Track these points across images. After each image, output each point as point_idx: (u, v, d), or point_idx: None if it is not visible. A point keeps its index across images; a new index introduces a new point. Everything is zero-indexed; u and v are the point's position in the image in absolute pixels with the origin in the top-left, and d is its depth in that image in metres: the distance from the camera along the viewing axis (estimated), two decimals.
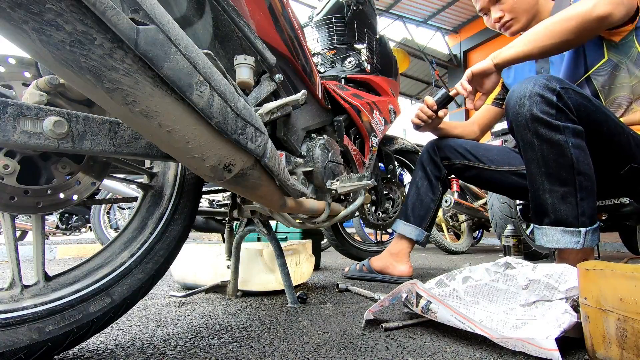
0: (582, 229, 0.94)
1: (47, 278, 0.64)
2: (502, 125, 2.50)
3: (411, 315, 0.91)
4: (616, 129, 1.02)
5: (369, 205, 1.90)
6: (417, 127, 1.40)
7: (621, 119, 1.11)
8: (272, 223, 1.87)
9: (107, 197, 2.62)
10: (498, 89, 1.53)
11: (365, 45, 1.72)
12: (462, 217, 3.50)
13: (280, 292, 1.26)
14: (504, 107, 1.49)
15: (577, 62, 1.18)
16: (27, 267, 1.98)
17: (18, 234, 4.28)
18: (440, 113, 1.35)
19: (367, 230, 3.31)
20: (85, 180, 0.69)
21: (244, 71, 0.76)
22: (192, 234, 4.53)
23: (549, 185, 0.97)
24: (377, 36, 1.76)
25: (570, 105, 0.95)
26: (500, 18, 1.25)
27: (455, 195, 3.17)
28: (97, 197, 2.69)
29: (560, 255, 1.02)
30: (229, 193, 1.15)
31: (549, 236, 0.98)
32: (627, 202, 1.58)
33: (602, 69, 1.14)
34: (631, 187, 1.14)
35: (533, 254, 2.33)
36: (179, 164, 0.83)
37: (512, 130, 1.03)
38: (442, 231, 3.52)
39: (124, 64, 0.43)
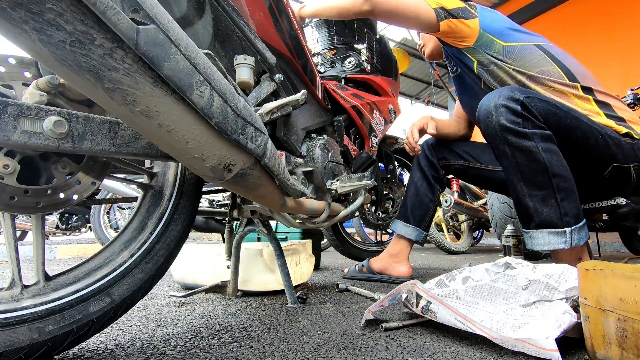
0: (567, 229, 0.96)
1: (47, 278, 0.64)
2: None
3: (411, 315, 0.91)
4: (590, 132, 1.04)
5: (369, 205, 1.90)
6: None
7: None
8: (272, 223, 1.87)
9: (107, 197, 2.62)
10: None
11: (365, 45, 1.72)
12: (462, 217, 3.50)
13: (280, 292, 1.26)
14: None
15: (469, 79, 1.31)
16: (27, 267, 1.98)
17: (18, 234, 4.28)
18: (430, 130, 1.45)
19: (367, 230, 3.31)
20: (85, 180, 0.69)
21: (244, 71, 0.76)
22: (192, 234, 4.53)
23: (527, 190, 0.99)
24: (377, 36, 1.76)
25: (536, 112, 0.98)
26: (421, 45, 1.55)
27: (455, 195, 3.16)
28: (97, 197, 2.69)
29: (554, 256, 1.02)
30: (229, 193, 1.15)
31: (537, 239, 0.99)
32: (624, 202, 1.58)
33: (480, 71, 1.24)
34: (620, 186, 1.14)
35: (533, 254, 2.32)
36: (179, 164, 0.83)
37: (487, 140, 1.07)
38: (442, 231, 3.52)
39: (124, 64, 0.43)
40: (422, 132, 1.45)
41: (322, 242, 2.33)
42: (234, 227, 1.24)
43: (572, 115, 1.02)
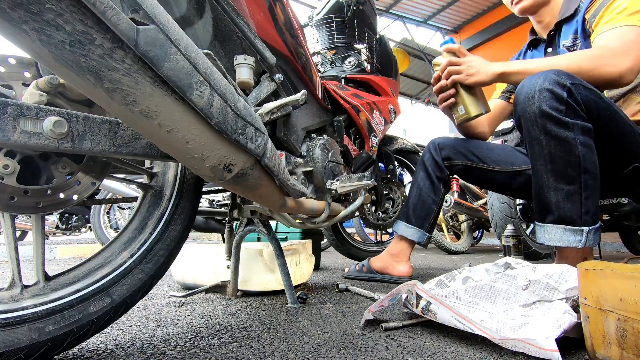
0: (585, 228, 0.94)
1: (47, 278, 0.64)
2: (502, 125, 2.50)
3: (411, 315, 0.91)
4: (625, 127, 1.02)
5: (369, 205, 1.90)
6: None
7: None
8: (272, 223, 1.87)
9: (107, 197, 2.62)
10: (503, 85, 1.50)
11: (365, 45, 1.72)
12: (462, 217, 3.50)
13: (280, 292, 1.26)
14: (511, 100, 1.44)
15: None
16: (27, 267, 1.98)
17: (18, 234, 4.28)
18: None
19: (367, 230, 3.31)
20: (85, 180, 0.69)
21: (244, 71, 0.76)
22: (192, 234, 4.53)
23: (554, 182, 0.96)
24: (377, 36, 1.76)
25: (580, 101, 0.93)
26: None
27: (455, 195, 3.17)
28: (97, 197, 2.69)
29: (560, 253, 1.01)
30: (229, 193, 1.15)
31: (551, 234, 0.98)
32: (626, 202, 1.58)
33: None
34: (633, 187, 1.14)
35: (533, 254, 2.33)
36: (179, 164, 0.83)
37: (519, 125, 1.02)
38: (442, 231, 3.52)
39: (124, 64, 0.43)
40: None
41: (322, 242, 2.33)
42: (234, 227, 1.24)
43: (612, 108, 1.00)
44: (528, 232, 2.44)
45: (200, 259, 1.30)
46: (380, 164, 1.93)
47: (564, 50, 1.22)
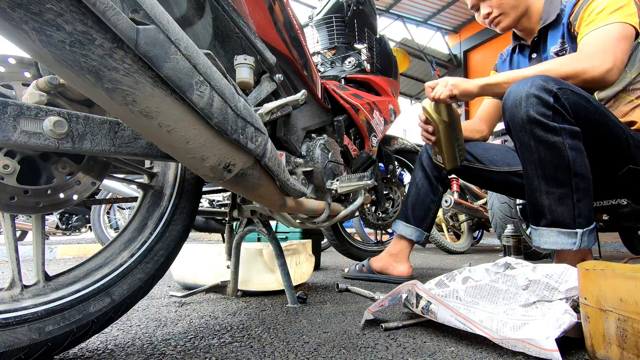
0: (579, 230, 0.94)
1: (47, 278, 0.64)
2: (503, 125, 2.50)
3: (411, 315, 0.91)
4: (615, 130, 1.02)
5: (369, 205, 1.90)
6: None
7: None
8: (272, 223, 1.87)
9: (107, 197, 2.62)
10: None
11: (365, 45, 1.72)
12: (462, 217, 3.50)
13: (280, 292, 1.26)
14: None
15: None
16: (27, 267, 1.98)
17: (18, 234, 4.28)
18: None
19: (367, 230, 3.31)
20: (85, 180, 0.69)
21: (244, 71, 0.76)
22: (192, 234, 4.53)
23: (545, 186, 0.96)
24: (377, 36, 1.76)
25: (567, 106, 0.94)
26: (489, 14, 1.25)
27: (455, 195, 3.16)
28: (97, 197, 2.69)
29: (558, 256, 1.01)
30: (229, 193, 1.15)
31: (546, 237, 0.98)
32: (625, 203, 1.58)
33: None
34: (629, 188, 1.14)
35: (533, 254, 2.33)
36: (179, 164, 0.83)
37: (509, 131, 1.03)
38: (442, 231, 3.51)
39: (124, 64, 0.43)
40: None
41: (322, 242, 2.33)
42: (234, 227, 1.24)
43: (601, 111, 1.00)
44: (528, 232, 2.44)
45: (200, 259, 1.30)
46: (380, 164, 1.93)
47: (553, 55, 1.22)
